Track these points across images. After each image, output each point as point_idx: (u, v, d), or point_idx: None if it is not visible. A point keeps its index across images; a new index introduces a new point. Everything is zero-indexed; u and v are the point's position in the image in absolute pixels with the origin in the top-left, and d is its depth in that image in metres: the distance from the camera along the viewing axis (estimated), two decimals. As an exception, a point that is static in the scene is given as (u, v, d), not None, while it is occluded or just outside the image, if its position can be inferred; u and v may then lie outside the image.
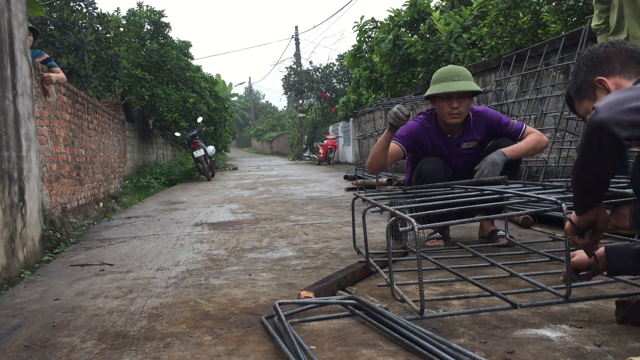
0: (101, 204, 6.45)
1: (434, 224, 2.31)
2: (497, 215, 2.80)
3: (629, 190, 2.21)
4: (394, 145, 3.23)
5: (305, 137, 27.31)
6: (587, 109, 1.63)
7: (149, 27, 13.40)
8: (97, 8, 8.55)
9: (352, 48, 12.80)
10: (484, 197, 2.32)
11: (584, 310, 1.92)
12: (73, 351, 1.83)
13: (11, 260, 3.09)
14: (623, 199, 2.19)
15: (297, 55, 29.62)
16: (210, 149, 12.89)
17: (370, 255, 2.73)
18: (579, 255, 1.70)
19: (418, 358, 1.59)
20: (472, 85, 3.15)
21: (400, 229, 3.01)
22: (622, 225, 2.87)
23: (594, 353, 1.56)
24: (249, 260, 3.25)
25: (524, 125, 3.27)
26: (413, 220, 1.82)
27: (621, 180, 2.90)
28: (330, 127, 22.41)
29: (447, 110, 3.16)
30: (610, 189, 2.35)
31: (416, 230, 1.79)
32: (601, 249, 1.68)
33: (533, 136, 3.18)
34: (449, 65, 3.28)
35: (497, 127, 3.26)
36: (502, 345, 1.66)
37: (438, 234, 3.33)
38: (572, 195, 2.17)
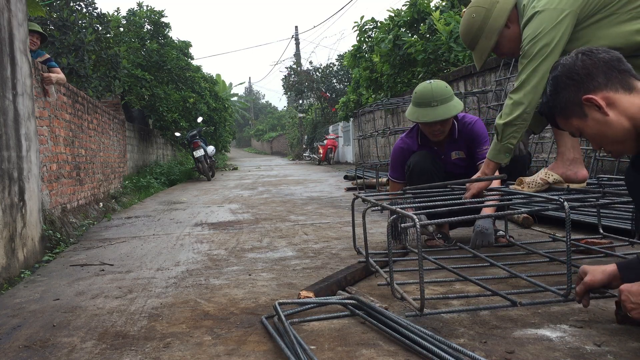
0: (101, 204, 6.45)
1: (434, 220, 2.32)
2: (497, 214, 2.79)
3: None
4: (396, 185, 3.47)
5: (305, 137, 27.31)
6: (577, 127, 1.59)
7: (149, 27, 13.42)
8: (97, 8, 8.55)
9: (352, 48, 12.78)
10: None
11: (584, 310, 1.91)
12: (73, 351, 1.83)
13: (11, 260, 3.09)
14: (623, 199, 2.19)
15: (297, 55, 29.62)
16: (210, 149, 12.90)
17: (370, 255, 2.73)
18: (591, 274, 1.68)
19: (418, 358, 1.59)
20: (450, 111, 3.13)
21: (401, 225, 3.01)
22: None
23: (594, 353, 1.56)
24: (249, 260, 3.25)
25: None
26: (414, 216, 1.82)
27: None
28: (330, 127, 22.41)
29: (429, 131, 3.23)
30: (609, 190, 2.35)
31: (417, 225, 1.79)
32: (612, 266, 1.66)
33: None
34: (427, 86, 3.19)
35: (475, 146, 3.27)
36: (502, 345, 1.66)
37: (438, 234, 3.33)
38: (573, 200, 2.16)
